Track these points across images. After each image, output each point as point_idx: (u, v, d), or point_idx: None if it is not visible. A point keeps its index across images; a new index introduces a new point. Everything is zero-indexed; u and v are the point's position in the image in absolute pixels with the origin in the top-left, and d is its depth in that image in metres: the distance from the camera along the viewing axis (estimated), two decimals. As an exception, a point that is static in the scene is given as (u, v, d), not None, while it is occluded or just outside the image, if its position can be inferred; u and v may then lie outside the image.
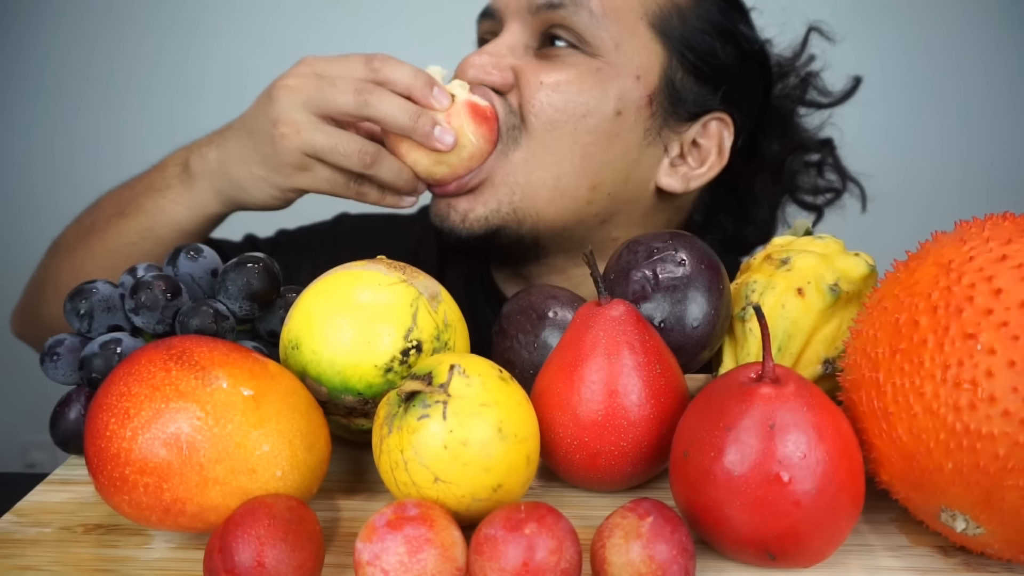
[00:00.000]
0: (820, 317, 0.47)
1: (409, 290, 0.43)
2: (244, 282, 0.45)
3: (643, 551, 0.33)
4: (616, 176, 0.66)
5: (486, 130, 0.61)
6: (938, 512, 0.35)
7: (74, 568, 0.37)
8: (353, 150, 0.58)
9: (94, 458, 0.36)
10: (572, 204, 0.65)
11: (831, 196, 0.82)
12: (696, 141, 0.69)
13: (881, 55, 1.27)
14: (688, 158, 0.69)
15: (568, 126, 0.64)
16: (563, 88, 0.63)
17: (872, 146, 0.83)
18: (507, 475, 0.37)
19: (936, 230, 0.39)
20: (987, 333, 0.32)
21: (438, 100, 0.59)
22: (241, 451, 0.35)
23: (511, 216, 0.65)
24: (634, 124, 0.66)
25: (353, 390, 0.41)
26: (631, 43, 0.65)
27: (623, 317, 0.40)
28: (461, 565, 0.34)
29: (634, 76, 0.65)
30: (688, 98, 0.67)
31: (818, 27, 0.79)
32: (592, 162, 0.65)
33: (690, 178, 0.69)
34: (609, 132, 0.65)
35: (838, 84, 0.80)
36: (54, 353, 0.45)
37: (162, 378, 0.36)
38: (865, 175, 0.81)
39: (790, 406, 0.34)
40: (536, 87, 0.63)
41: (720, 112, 0.69)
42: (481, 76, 0.64)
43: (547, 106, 0.63)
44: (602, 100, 0.64)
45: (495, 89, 0.64)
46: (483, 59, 0.64)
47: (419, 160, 0.60)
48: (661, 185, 0.69)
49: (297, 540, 0.33)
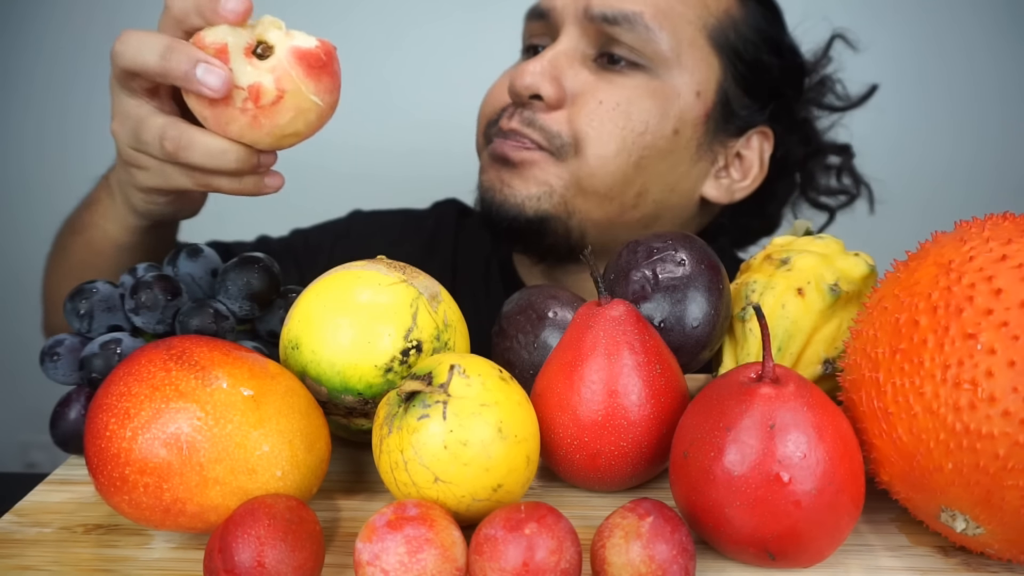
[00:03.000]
0: (820, 317, 0.47)
1: (409, 290, 0.43)
2: (244, 282, 0.45)
3: (643, 551, 0.33)
4: (664, 187, 0.67)
5: (328, 81, 0.44)
6: (938, 512, 0.35)
7: (74, 568, 0.37)
8: (153, 135, 0.46)
9: (94, 458, 0.36)
10: (618, 208, 0.66)
11: (845, 199, 0.83)
12: (740, 153, 0.70)
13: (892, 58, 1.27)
14: (731, 169, 0.70)
15: (626, 142, 0.64)
16: (623, 108, 0.63)
17: (873, 146, 0.84)
18: (507, 475, 0.37)
19: (936, 230, 0.39)
20: (987, 333, 0.32)
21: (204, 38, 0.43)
22: (241, 451, 0.35)
23: (561, 207, 0.65)
24: (689, 141, 0.66)
25: (353, 390, 0.41)
26: (691, 55, 0.65)
27: (623, 317, 0.40)
28: (461, 565, 0.34)
29: (695, 93, 0.65)
30: (739, 112, 0.68)
31: (842, 34, 0.80)
32: (644, 173, 0.65)
33: (734, 190, 0.70)
34: (665, 149, 0.65)
35: (851, 89, 0.80)
36: (54, 353, 0.45)
37: (162, 378, 0.36)
38: (876, 179, 0.82)
39: (790, 406, 0.34)
40: (595, 106, 0.63)
41: (763, 126, 0.70)
42: (538, 84, 0.63)
43: (607, 123, 0.63)
44: (662, 120, 0.64)
45: (548, 103, 0.64)
46: (541, 66, 0.64)
47: (258, 137, 0.44)
48: (706, 196, 0.70)
49: (297, 540, 0.33)
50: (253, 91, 0.42)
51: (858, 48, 0.80)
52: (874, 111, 0.82)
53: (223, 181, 0.47)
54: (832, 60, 0.80)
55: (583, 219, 0.66)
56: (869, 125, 0.83)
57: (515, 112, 0.66)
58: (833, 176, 0.82)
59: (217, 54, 0.42)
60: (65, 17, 1.47)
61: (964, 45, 1.38)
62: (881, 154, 0.84)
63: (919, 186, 1.34)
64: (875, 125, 0.86)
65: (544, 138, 0.64)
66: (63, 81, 1.50)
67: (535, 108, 0.65)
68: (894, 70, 1.32)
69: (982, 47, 1.37)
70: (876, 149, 0.83)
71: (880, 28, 1.25)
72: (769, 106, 0.70)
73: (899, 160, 1.32)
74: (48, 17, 1.48)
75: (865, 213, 0.83)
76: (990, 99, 1.39)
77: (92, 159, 1.40)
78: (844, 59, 0.80)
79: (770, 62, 0.69)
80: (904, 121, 1.35)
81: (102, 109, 0.52)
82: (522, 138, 0.65)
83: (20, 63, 1.51)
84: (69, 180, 0.80)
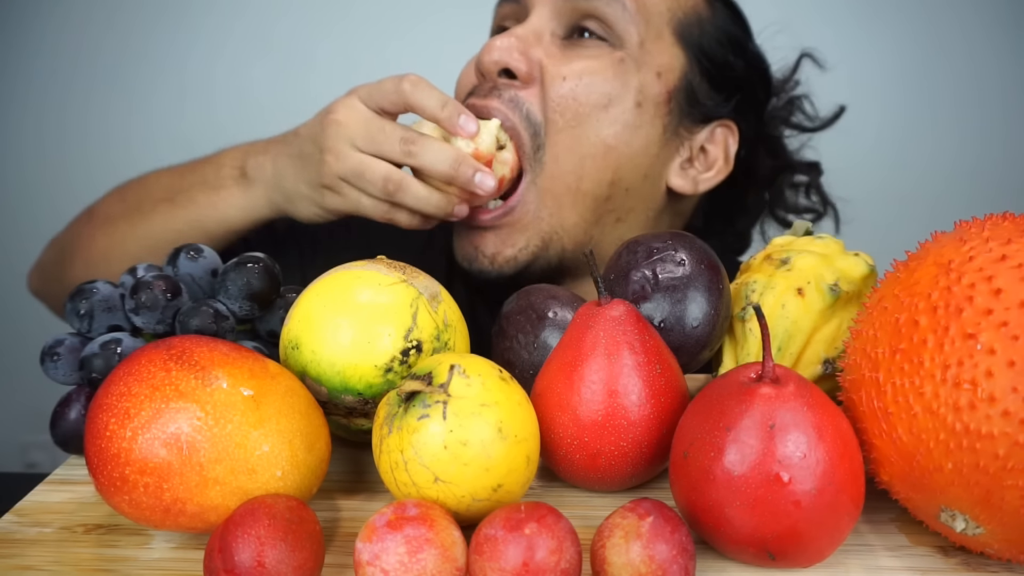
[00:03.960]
0: (820, 317, 0.47)
1: (409, 290, 0.43)
2: (244, 282, 0.45)
3: (643, 551, 0.33)
4: (635, 171, 0.67)
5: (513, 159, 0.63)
6: (938, 512, 0.35)
7: (74, 568, 0.37)
8: (378, 177, 0.58)
9: (94, 458, 0.36)
10: (592, 203, 0.66)
11: (811, 217, 0.84)
12: (704, 147, 0.71)
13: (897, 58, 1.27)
14: (696, 162, 0.71)
15: (591, 118, 0.64)
16: (586, 78, 0.64)
17: (876, 146, 0.84)
18: (507, 475, 0.37)
19: (936, 230, 0.39)
20: (987, 333, 0.32)
21: (465, 127, 0.59)
22: (241, 451, 0.35)
23: (540, 248, 0.66)
24: (653, 118, 0.66)
25: (353, 390, 0.41)
26: (655, 44, 0.66)
27: (623, 317, 0.40)
28: (461, 565, 0.34)
29: (655, 72, 0.66)
30: (703, 101, 0.69)
31: (810, 54, 0.82)
32: (613, 155, 0.65)
33: (699, 181, 0.71)
34: (630, 124, 0.65)
35: (842, 90, 0.81)
36: (54, 353, 0.45)
37: (162, 378, 0.36)
38: (841, 199, 0.84)
39: (790, 406, 0.34)
40: (559, 82, 0.63)
41: (728, 119, 0.71)
42: (506, 59, 0.63)
43: (569, 99, 0.63)
44: (623, 90, 0.65)
45: (517, 77, 0.64)
46: (509, 41, 0.64)
47: None
48: (672, 185, 0.70)
49: (297, 540, 0.33)
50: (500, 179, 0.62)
51: (825, 67, 0.81)
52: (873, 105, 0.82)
53: (406, 217, 0.62)
54: (800, 83, 0.81)
55: (560, 239, 0.66)
56: (874, 130, 0.83)
57: (491, 90, 0.65)
58: (801, 194, 0.84)
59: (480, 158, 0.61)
60: (64, 16, 1.47)
61: (968, 46, 1.38)
62: (884, 155, 0.84)
63: (919, 186, 1.34)
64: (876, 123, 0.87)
65: (522, 118, 0.64)
66: (63, 80, 1.50)
67: (512, 86, 0.64)
68: (899, 72, 1.32)
69: (986, 49, 1.37)
70: (879, 148, 0.83)
71: (884, 28, 1.26)
72: (734, 98, 0.70)
73: (901, 160, 1.32)
74: (48, 16, 1.48)
75: (865, 213, 0.83)
76: (993, 100, 1.39)
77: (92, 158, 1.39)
78: (845, 54, 0.80)
79: (735, 63, 0.70)
80: (907, 122, 1.35)
81: (102, 109, 0.52)
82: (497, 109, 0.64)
83: (20, 63, 1.51)
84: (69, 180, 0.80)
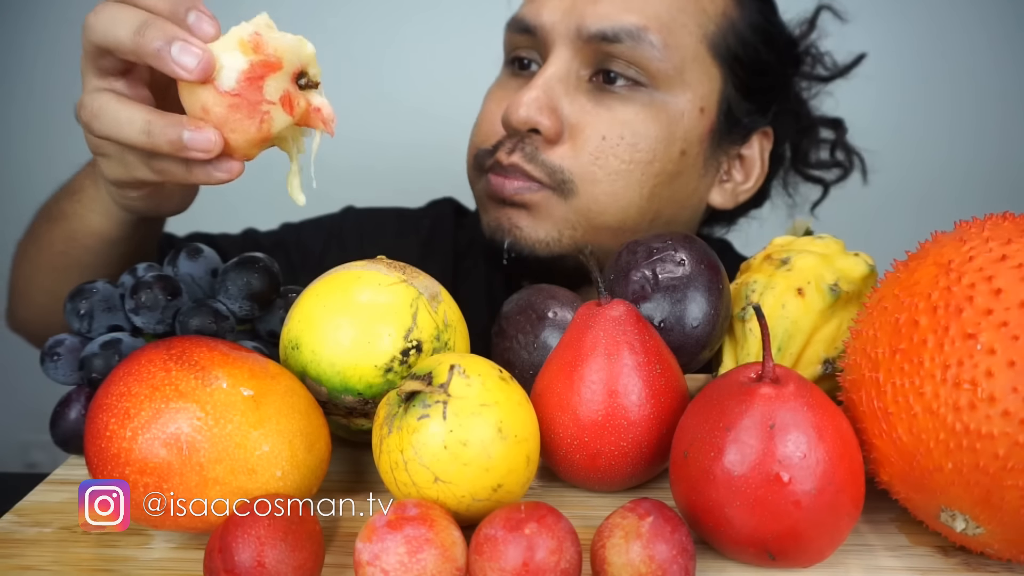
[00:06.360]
0: (820, 317, 0.47)
1: (409, 290, 0.43)
2: (244, 282, 0.45)
3: (643, 551, 0.33)
4: (675, 206, 0.66)
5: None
6: (938, 512, 0.35)
7: (74, 568, 0.37)
8: (138, 118, 0.41)
9: (94, 458, 0.36)
10: (632, 236, 0.64)
11: (839, 172, 0.81)
12: (741, 154, 0.69)
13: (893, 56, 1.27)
14: (733, 172, 0.69)
15: (635, 175, 0.61)
16: (628, 141, 0.60)
17: (877, 146, 0.83)
18: (507, 475, 0.37)
19: (936, 230, 0.39)
20: (987, 333, 0.32)
21: (198, 27, 0.39)
22: (241, 451, 0.35)
23: (572, 247, 0.63)
24: (696, 158, 0.64)
25: (353, 390, 0.41)
26: (694, 70, 0.62)
27: (623, 317, 0.40)
28: (461, 565, 0.34)
29: (698, 109, 0.63)
30: (741, 120, 0.67)
31: (829, 5, 0.77)
32: (656, 201, 0.63)
33: (738, 193, 0.70)
34: (674, 172, 0.63)
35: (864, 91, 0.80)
36: (54, 353, 0.45)
37: (162, 378, 0.36)
38: (868, 150, 0.81)
39: (790, 406, 0.34)
40: (597, 140, 0.60)
41: (765, 127, 0.69)
42: (535, 118, 0.59)
43: (612, 159, 0.60)
44: (669, 145, 0.62)
45: (547, 137, 0.60)
46: (535, 95, 0.60)
47: (241, 140, 0.40)
48: (712, 203, 0.69)
49: (297, 540, 0.33)
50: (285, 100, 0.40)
51: (846, 19, 0.77)
52: (873, 105, 0.81)
53: (174, 168, 0.42)
54: (816, 28, 0.77)
55: (595, 250, 0.62)
56: (872, 124, 0.83)
57: (515, 147, 0.62)
58: (826, 150, 0.80)
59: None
60: (64, 16, 1.47)
61: (966, 42, 1.37)
62: (885, 154, 0.83)
63: (920, 186, 1.34)
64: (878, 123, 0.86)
65: (546, 174, 0.61)
66: (63, 80, 1.49)
67: (535, 142, 0.61)
68: (896, 68, 1.32)
69: (983, 45, 1.37)
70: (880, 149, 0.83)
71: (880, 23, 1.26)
72: (771, 108, 0.69)
73: (899, 161, 1.32)
74: (47, 16, 1.48)
75: (865, 213, 0.83)
76: (991, 97, 1.39)
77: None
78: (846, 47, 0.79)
79: (768, 59, 0.68)
80: (905, 121, 1.35)
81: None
82: (523, 176, 0.61)
83: (20, 63, 1.51)
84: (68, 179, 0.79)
